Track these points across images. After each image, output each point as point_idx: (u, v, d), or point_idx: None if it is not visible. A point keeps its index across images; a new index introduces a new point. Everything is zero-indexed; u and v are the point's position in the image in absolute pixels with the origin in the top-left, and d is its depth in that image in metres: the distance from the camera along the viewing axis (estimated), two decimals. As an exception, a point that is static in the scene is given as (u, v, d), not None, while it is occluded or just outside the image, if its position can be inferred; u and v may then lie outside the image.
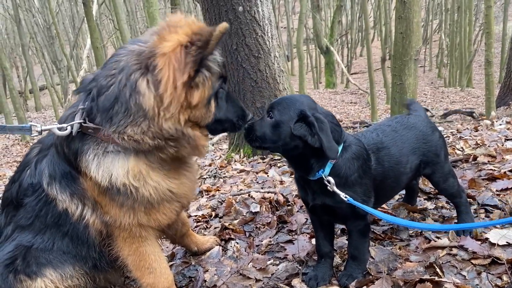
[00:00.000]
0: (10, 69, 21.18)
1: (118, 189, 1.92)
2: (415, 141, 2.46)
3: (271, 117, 2.08)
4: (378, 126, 2.56)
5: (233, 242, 3.01)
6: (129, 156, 1.91)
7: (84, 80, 2.02)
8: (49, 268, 2.09)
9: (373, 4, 41.84)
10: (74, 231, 2.11)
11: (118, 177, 1.89)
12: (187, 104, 1.82)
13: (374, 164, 2.27)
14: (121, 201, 1.97)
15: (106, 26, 46.01)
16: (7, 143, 19.68)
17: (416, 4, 6.36)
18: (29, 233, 2.12)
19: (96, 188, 1.98)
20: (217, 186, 4.58)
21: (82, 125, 1.90)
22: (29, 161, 2.19)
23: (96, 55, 16.28)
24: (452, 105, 20.33)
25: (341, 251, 2.67)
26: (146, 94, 1.77)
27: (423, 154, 2.48)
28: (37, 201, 2.10)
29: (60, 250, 2.12)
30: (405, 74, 6.57)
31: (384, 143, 2.36)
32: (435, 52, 41.32)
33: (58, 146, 2.01)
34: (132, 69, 1.80)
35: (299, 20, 24.38)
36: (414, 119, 2.58)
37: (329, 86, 30.47)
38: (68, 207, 2.05)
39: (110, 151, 1.90)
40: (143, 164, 1.93)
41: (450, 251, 2.43)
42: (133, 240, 2.14)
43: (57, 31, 24.82)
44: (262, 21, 4.54)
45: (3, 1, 37.32)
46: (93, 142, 1.91)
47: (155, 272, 2.22)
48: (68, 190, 2.03)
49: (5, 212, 2.21)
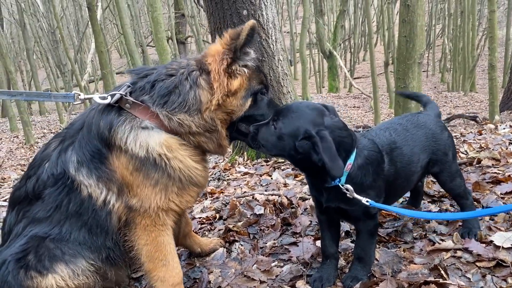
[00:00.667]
0: (14, 73, 21.28)
1: (154, 159, 2.07)
2: (425, 139, 2.48)
3: (275, 127, 2.10)
4: (389, 124, 2.55)
5: (238, 244, 3.02)
6: (161, 131, 2.11)
7: (144, 67, 2.35)
8: (61, 263, 2.08)
9: (376, 9, 41.94)
10: (95, 219, 2.14)
11: (155, 147, 2.07)
12: (228, 90, 2.13)
13: (387, 165, 2.28)
14: (156, 178, 2.08)
15: (110, 30, 46.27)
16: (11, 146, 19.75)
17: (420, 7, 6.37)
18: (47, 225, 2.13)
19: (130, 164, 2.06)
20: (221, 188, 4.59)
21: (122, 98, 2.11)
22: (47, 155, 2.23)
23: (100, 59, 16.34)
24: (456, 109, 20.31)
25: (346, 253, 2.67)
26: (205, 88, 2.12)
27: (432, 153, 2.51)
28: (60, 190, 2.13)
29: (76, 241, 2.14)
30: (409, 78, 6.58)
31: (397, 142, 2.37)
32: (438, 56, 41.35)
33: (93, 119, 2.14)
34: (192, 68, 2.17)
35: (302, 24, 24.46)
36: (424, 117, 2.59)
37: (332, 90, 30.50)
38: (93, 192, 2.10)
39: (144, 126, 2.09)
40: (173, 140, 2.13)
41: (455, 253, 2.42)
42: (154, 228, 2.17)
43: (62, 35, 24.96)
44: (266, 25, 4.57)
45: (8, 6, 37.58)
46: (128, 116, 2.11)
47: (168, 265, 2.23)
48: (95, 174, 2.09)
49: (17, 209, 2.22)
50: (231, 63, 2.13)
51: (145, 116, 2.10)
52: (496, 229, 2.62)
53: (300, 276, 2.50)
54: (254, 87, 2.23)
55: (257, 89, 2.24)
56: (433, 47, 41.63)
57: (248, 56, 2.20)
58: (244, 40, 2.10)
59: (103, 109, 2.15)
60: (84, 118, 2.25)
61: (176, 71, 2.17)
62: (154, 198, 2.10)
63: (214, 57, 2.17)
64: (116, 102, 2.12)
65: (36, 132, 21.70)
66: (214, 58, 2.16)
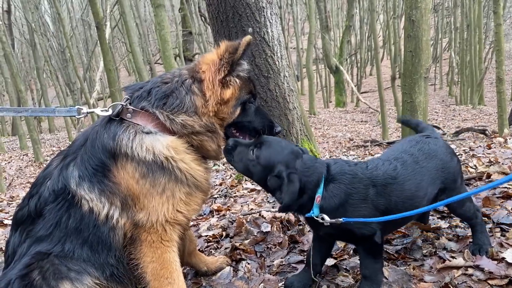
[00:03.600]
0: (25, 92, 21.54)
1: (162, 162, 2.11)
2: (435, 172, 2.42)
3: (253, 154, 2.25)
4: (400, 154, 2.48)
5: (244, 263, 2.98)
6: (165, 135, 2.19)
7: (138, 82, 2.50)
8: (67, 281, 2.05)
9: (381, 24, 42.13)
10: (96, 235, 2.12)
11: (161, 150, 2.13)
12: (220, 99, 2.25)
13: (373, 196, 2.23)
14: (163, 183, 2.10)
15: (118, 49, 46.94)
16: (20, 164, 19.91)
17: (424, 22, 6.38)
18: (48, 243, 2.11)
19: (137, 171, 2.08)
20: (228, 205, 4.56)
21: (122, 109, 2.21)
22: (49, 173, 2.24)
23: (109, 77, 16.52)
24: (464, 123, 20.17)
25: (354, 271, 2.63)
26: (198, 94, 2.24)
27: (442, 182, 2.44)
28: (60, 206, 2.12)
29: (80, 257, 2.12)
30: (415, 92, 6.55)
31: (397, 178, 2.30)
32: (446, 70, 41.27)
33: (97, 134, 2.18)
34: (185, 77, 2.30)
35: (308, 40, 24.64)
36: (434, 145, 2.53)
37: (339, 105, 30.50)
38: (94, 206, 2.09)
39: (148, 131, 2.17)
40: (179, 142, 2.21)
41: (466, 271, 2.38)
42: (159, 244, 2.16)
43: (71, 54, 25.37)
44: (271, 42, 4.59)
45: (19, 26, 38.32)
46: (131, 124, 2.18)
47: (174, 284, 2.20)
48: (97, 188, 2.09)
49: (20, 230, 2.20)
50: (227, 74, 2.25)
51: (147, 122, 2.19)
52: (508, 245, 2.57)
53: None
54: (244, 96, 2.36)
55: (246, 98, 2.37)
56: (440, 61, 41.62)
57: (241, 67, 2.32)
58: (241, 54, 2.24)
59: (106, 123, 2.21)
60: (87, 134, 2.27)
61: (170, 79, 2.30)
62: (161, 209, 2.10)
63: (209, 65, 2.28)
64: (118, 115, 2.20)
65: (46, 150, 21.87)
66: (209, 67, 2.27)
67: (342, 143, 16.34)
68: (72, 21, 41.88)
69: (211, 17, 4.75)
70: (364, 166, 2.35)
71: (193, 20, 26.50)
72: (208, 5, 4.67)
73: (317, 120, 24.69)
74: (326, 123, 23.79)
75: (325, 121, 24.28)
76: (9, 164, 20.01)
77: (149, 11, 43.36)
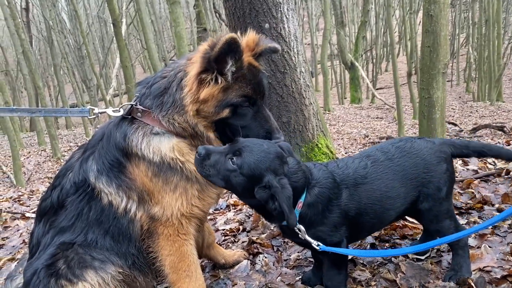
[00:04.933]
0: (42, 88, 21.90)
1: (169, 163, 2.10)
2: (412, 171, 2.21)
3: (233, 163, 1.96)
4: (375, 151, 2.32)
5: (261, 256, 3.01)
6: (172, 136, 2.16)
7: (149, 76, 2.40)
8: (91, 270, 2.12)
9: (398, 19, 41.64)
10: (117, 226, 2.17)
11: (166, 152, 2.12)
12: (196, 97, 2.08)
13: (346, 200, 2.13)
14: (175, 182, 2.12)
15: (134, 45, 47.26)
16: (39, 160, 20.27)
17: (443, 17, 6.30)
18: (71, 233, 2.17)
19: (149, 171, 2.10)
20: (244, 200, 4.59)
21: (132, 108, 2.19)
22: (71, 165, 2.30)
23: (125, 74, 16.69)
24: (482, 119, 19.86)
25: (371, 266, 2.64)
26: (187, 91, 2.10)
27: (423, 185, 2.22)
28: (81, 198, 2.18)
29: (103, 247, 2.18)
30: (433, 88, 6.47)
31: (367, 177, 2.17)
32: (463, 66, 40.64)
33: (111, 132, 2.21)
34: (178, 69, 2.18)
35: (324, 36, 24.50)
36: (421, 144, 2.30)
37: (354, 101, 30.29)
38: (113, 200, 2.14)
39: (155, 132, 2.15)
40: (184, 144, 2.18)
41: (484, 267, 2.36)
42: (177, 238, 2.19)
43: (88, 51, 25.62)
44: (288, 37, 4.59)
45: (37, 24, 38.87)
46: (140, 124, 2.18)
47: (192, 277, 2.24)
48: (115, 182, 2.14)
49: (44, 221, 2.27)
50: (202, 71, 2.08)
51: (155, 123, 2.17)
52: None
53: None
54: (232, 99, 2.10)
55: (236, 101, 2.11)
56: (457, 57, 40.99)
57: (225, 67, 2.06)
58: (217, 52, 2.00)
59: (118, 121, 2.24)
60: (104, 129, 2.32)
61: (168, 72, 2.24)
62: (176, 204, 2.12)
63: (194, 58, 2.15)
64: (129, 114, 2.20)
65: (63, 145, 22.22)
66: (194, 60, 2.14)
67: (357, 139, 16.26)
68: (89, 18, 42.30)
69: (228, 13, 4.77)
70: (332, 169, 2.22)
71: (207, 17, 26.54)
72: (225, 1, 4.69)
73: (331, 117, 24.57)
74: (341, 119, 23.66)
75: (340, 118, 24.15)
76: (27, 159, 20.39)
77: (164, 8, 43.55)
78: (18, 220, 5.34)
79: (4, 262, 3.72)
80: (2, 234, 4.67)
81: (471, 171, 3.97)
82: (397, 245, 2.83)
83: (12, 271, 2.59)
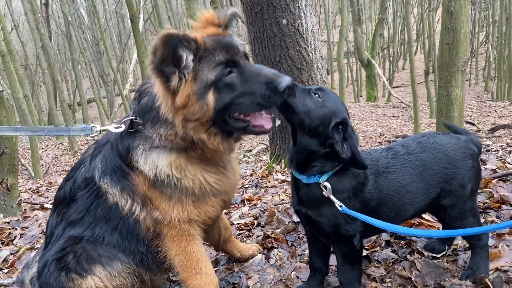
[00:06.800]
0: (60, 83, 22.25)
1: (163, 180, 2.07)
2: (433, 166, 2.15)
3: (319, 97, 1.99)
4: (396, 145, 2.29)
5: (276, 251, 3.02)
6: (172, 150, 2.08)
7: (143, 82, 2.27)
8: (99, 265, 2.16)
9: (416, 17, 41.13)
10: (124, 225, 2.20)
11: (162, 169, 2.06)
12: (175, 107, 1.91)
13: (370, 188, 2.09)
14: (169, 193, 2.10)
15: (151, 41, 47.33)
16: (56, 153, 20.60)
17: (463, 14, 6.20)
18: (80, 227, 2.21)
19: (146, 181, 2.10)
20: (259, 195, 4.61)
21: (133, 122, 2.10)
22: (84, 159, 2.33)
23: (142, 69, 16.80)
24: (500, 119, 19.50)
25: (386, 263, 2.63)
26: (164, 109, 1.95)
27: (445, 181, 2.16)
28: (89, 194, 2.22)
29: (110, 243, 2.21)
30: (452, 86, 6.38)
31: (388, 167, 2.14)
32: (482, 65, 39.98)
33: (114, 142, 2.20)
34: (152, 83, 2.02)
35: (340, 33, 24.31)
36: (445, 140, 2.24)
37: (370, 99, 30.04)
38: (118, 201, 2.17)
39: (155, 146, 2.08)
40: (183, 158, 2.09)
41: (501, 267, 2.34)
42: (181, 239, 2.21)
43: (105, 46, 25.94)
44: (305, 34, 4.59)
45: (56, 19, 39.42)
46: (142, 139, 2.10)
47: (201, 273, 2.26)
48: (119, 185, 2.15)
49: (57, 211, 2.32)
50: (165, 81, 1.88)
51: (154, 136, 2.07)
52: None
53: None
54: (208, 77, 1.87)
55: (214, 76, 1.88)
56: (476, 56, 40.32)
57: (181, 61, 1.86)
58: (161, 56, 1.81)
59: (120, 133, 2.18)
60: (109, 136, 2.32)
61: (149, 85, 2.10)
62: (172, 212, 2.13)
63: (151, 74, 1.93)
64: (131, 127, 2.12)
65: (80, 139, 22.53)
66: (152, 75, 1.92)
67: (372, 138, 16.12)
68: (106, 13, 42.79)
69: (245, 8, 4.79)
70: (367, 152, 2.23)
71: (224, 13, 26.56)
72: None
73: (347, 115, 24.35)
74: (356, 117, 23.49)
75: (355, 116, 23.97)
76: (45, 153, 20.75)
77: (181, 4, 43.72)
78: (37, 211, 5.46)
79: (23, 251, 3.81)
80: (21, 224, 4.77)
81: (489, 170, 3.91)
82: (412, 242, 2.81)
83: (30, 259, 2.66)
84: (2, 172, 5.12)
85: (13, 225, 4.71)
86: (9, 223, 4.80)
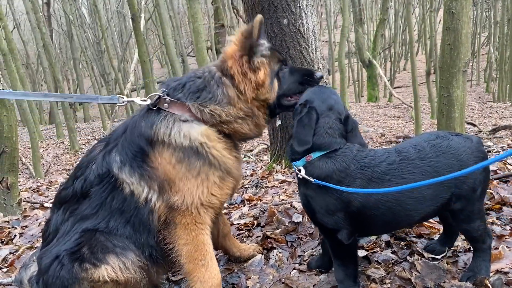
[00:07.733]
0: (62, 82, 22.24)
1: (197, 148, 2.23)
2: (446, 172, 2.00)
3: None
4: (409, 147, 2.15)
5: (275, 251, 3.02)
6: (200, 123, 2.30)
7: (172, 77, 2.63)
8: (113, 255, 2.18)
9: (417, 18, 41.08)
10: (137, 217, 2.24)
11: (197, 136, 2.24)
12: (256, 85, 2.34)
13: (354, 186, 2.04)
14: (198, 167, 2.21)
15: (152, 41, 47.61)
16: (57, 152, 20.59)
17: (465, 15, 6.18)
18: (93, 220, 2.24)
19: (173, 157, 2.18)
20: (259, 195, 4.60)
21: (160, 99, 2.32)
22: (94, 157, 2.37)
23: (143, 68, 16.81)
24: (502, 120, 19.47)
25: (385, 264, 2.62)
26: (229, 86, 2.34)
27: (456, 186, 2.06)
28: (104, 188, 2.25)
29: (123, 235, 2.24)
30: (453, 86, 6.36)
31: (388, 174, 2.04)
32: (483, 66, 39.93)
33: (136, 123, 2.31)
34: (214, 71, 2.40)
35: (341, 33, 24.26)
36: (459, 143, 2.12)
37: (371, 99, 30.01)
38: (135, 189, 2.21)
39: (185, 119, 2.28)
40: (211, 131, 2.32)
41: (502, 268, 2.33)
42: (194, 227, 2.25)
43: (106, 45, 25.94)
44: (306, 34, 4.57)
45: (58, 18, 39.45)
46: (168, 113, 2.30)
47: (207, 266, 2.29)
48: (137, 172, 2.21)
49: (64, 208, 2.33)
50: (251, 59, 2.33)
51: (183, 111, 2.30)
52: None
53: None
54: (275, 68, 2.44)
55: (277, 68, 2.46)
56: (477, 56, 40.27)
57: (262, 46, 2.38)
58: (257, 35, 2.31)
59: (144, 113, 2.34)
60: (127, 124, 2.40)
61: (202, 74, 2.42)
62: (196, 192, 2.19)
63: (233, 58, 2.37)
64: (155, 105, 2.31)
65: (81, 138, 22.53)
66: (233, 59, 2.37)
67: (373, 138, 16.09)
68: (108, 13, 42.81)
69: (246, 8, 4.77)
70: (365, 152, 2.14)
71: (225, 13, 26.55)
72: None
73: (348, 115, 24.31)
74: (357, 117, 23.46)
75: (356, 116, 23.95)
76: (46, 151, 20.73)
77: (182, 3, 43.75)
78: (37, 210, 5.46)
79: (23, 250, 3.81)
80: (21, 223, 4.77)
81: (490, 171, 3.90)
82: (413, 243, 2.80)
83: (27, 260, 2.64)
84: (2, 171, 5.12)
85: (13, 224, 4.71)
86: (9, 222, 4.80)
